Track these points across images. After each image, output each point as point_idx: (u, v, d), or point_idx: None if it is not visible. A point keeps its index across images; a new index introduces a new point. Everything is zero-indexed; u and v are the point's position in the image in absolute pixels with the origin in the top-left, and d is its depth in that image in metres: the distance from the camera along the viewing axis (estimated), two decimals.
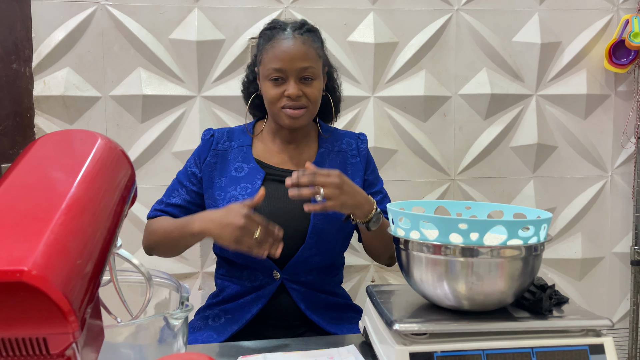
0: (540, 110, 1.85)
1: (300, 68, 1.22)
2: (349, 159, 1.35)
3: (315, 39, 1.28)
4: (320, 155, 1.34)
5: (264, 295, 1.24)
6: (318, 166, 1.26)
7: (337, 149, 1.36)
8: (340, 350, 0.98)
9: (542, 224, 0.85)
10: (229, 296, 1.28)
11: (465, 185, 1.85)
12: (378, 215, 1.15)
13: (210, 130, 1.38)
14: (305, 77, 1.24)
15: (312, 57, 1.24)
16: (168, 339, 0.72)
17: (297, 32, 1.25)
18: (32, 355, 0.45)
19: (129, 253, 0.70)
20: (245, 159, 1.30)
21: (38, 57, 1.66)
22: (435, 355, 0.81)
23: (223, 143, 1.34)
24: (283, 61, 1.21)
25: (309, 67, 1.23)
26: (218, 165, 1.31)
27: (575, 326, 0.86)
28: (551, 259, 1.91)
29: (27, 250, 0.43)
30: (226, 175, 1.29)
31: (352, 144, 1.38)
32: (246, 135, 1.36)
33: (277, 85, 1.23)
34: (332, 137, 1.38)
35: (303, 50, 1.22)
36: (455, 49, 1.81)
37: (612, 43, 1.80)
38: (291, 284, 1.25)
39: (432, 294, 0.88)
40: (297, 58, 1.22)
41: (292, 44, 1.22)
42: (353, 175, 1.33)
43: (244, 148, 1.33)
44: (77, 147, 0.62)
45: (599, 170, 1.90)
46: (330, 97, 1.38)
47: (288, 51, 1.22)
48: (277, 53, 1.22)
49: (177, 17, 1.70)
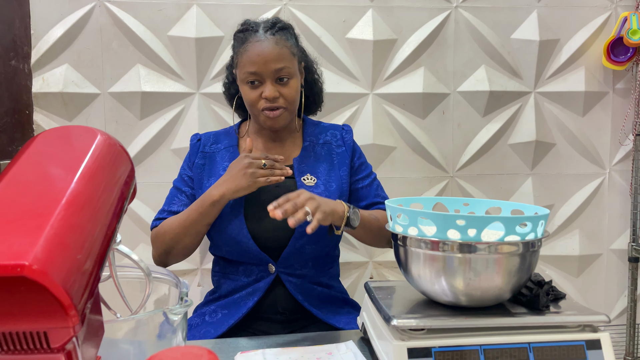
0: (539, 108, 1.86)
1: (275, 69, 1.23)
2: (334, 149, 1.37)
3: (288, 36, 1.29)
4: (304, 149, 1.36)
5: (260, 289, 1.25)
6: (303, 159, 1.33)
7: (321, 141, 1.38)
8: (339, 345, 0.99)
9: (539, 220, 0.85)
10: (226, 292, 1.30)
11: (463, 182, 1.85)
12: (354, 210, 1.15)
13: (197, 135, 1.41)
14: (281, 78, 1.25)
15: (286, 57, 1.25)
16: (167, 334, 0.73)
17: (270, 33, 1.26)
18: (33, 349, 0.45)
19: (129, 249, 0.70)
20: (232, 159, 1.32)
21: (37, 53, 1.66)
22: (433, 350, 0.82)
23: (210, 146, 1.37)
24: (257, 64, 1.23)
25: (284, 67, 1.24)
26: (206, 167, 1.34)
27: (572, 322, 0.86)
28: (549, 256, 1.91)
29: (28, 244, 0.44)
30: (214, 175, 1.31)
31: (336, 135, 1.40)
32: (232, 137, 1.39)
33: (254, 88, 1.26)
34: (317, 130, 1.41)
35: (276, 52, 1.24)
36: (454, 46, 1.81)
37: (611, 40, 1.80)
38: (287, 276, 1.26)
39: (430, 290, 0.88)
40: (271, 60, 1.23)
41: (266, 45, 1.24)
42: (339, 165, 1.35)
43: (231, 148, 1.36)
44: (77, 143, 0.62)
45: (596, 168, 1.91)
46: (311, 88, 1.41)
47: (261, 54, 1.23)
48: (251, 56, 1.23)
49: (175, 14, 1.70)
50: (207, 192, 1.23)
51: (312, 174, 1.31)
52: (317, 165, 1.33)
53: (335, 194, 1.29)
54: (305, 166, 1.33)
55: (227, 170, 1.23)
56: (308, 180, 1.30)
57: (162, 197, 1.73)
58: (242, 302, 1.26)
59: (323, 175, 1.32)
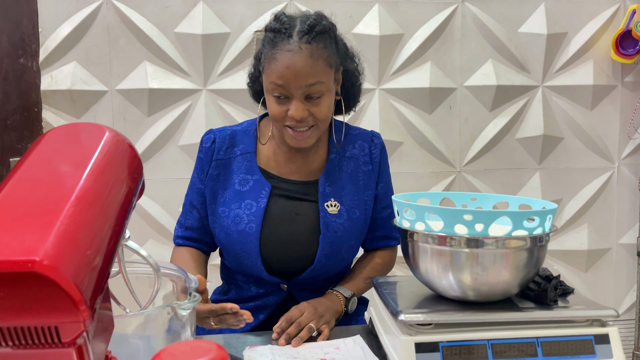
0: (547, 102, 1.85)
1: (306, 85, 1.07)
2: (361, 166, 1.25)
3: (326, 43, 1.10)
4: (330, 163, 1.23)
5: (270, 305, 1.21)
6: (328, 177, 1.21)
7: (348, 154, 1.25)
8: (346, 340, 0.99)
9: (547, 215, 0.85)
10: (234, 298, 1.26)
11: (470, 177, 1.85)
12: (352, 300, 1.19)
13: (211, 134, 1.24)
14: (312, 96, 1.09)
15: (321, 71, 1.08)
16: (176, 329, 0.73)
17: (305, 40, 1.07)
18: (44, 343, 0.45)
19: (137, 245, 0.70)
20: (250, 169, 1.20)
21: (45, 51, 1.67)
22: (441, 345, 0.82)
23: (225, 150, 1.22)
24: (285, 78, 1.06)
25: (316, 83, 1.07)
26: (221, 177, 1.21)
27: (580, 316, 0.86)
28: (557, 251, 1.91)
29: (38, 240, 0.44)
30: (229, 188, 1.20)
31: (364, 148, 1.26)
32: (250, 139, 1.24)
33: (280, 103, 1.10)
34: (345, 139, 1.27)
35: (309, 65, 1.06)
36: (461, 41, 1.80)
37: (619, 33, 1.79)
38: (299, 292, 1.22)
39: (438, 284, 0.88)
40: (302, 75, 1.06)
41: (298, 58, 1.06)
42: (364, 187, 1.24)
43: (248, 155, 1.21)
44: (85, 140, 0.62)
45: (605, 162, 1.90)
46: (348, 90, 1.25)
47: (291, 67, 1.05)
48: (279, 68, 1.06)
49: (182, 11, 1.70)
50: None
51: (336, 199, 1.20)
52: (342, 188, 1.22)
53: (358, 222, 1.21)
54: (330, 188, 1.20)
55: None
56: (331, 208, 1.18)
57: (169, 193, 1.74)
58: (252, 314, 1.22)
59: (347, 201, 1.20)
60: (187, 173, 1.74)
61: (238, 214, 1.17)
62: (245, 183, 1.19)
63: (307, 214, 1.18)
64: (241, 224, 1.16)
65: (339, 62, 1.16)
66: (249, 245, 1.16)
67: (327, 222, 1.17)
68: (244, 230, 1.16)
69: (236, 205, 1.18)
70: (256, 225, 1.15)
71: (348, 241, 1.20)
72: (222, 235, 1.19)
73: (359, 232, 1.23)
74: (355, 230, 1.21)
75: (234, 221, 1.17)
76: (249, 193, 1.18)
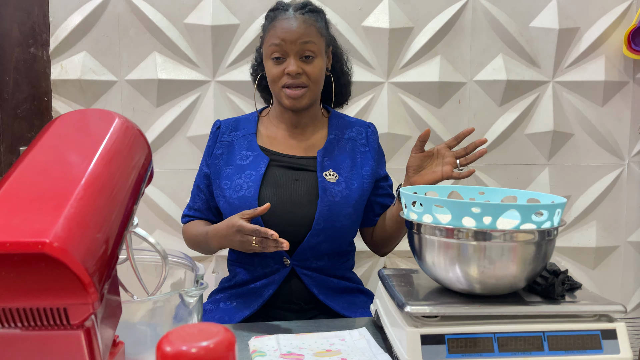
0: (557, 97, 1.83)
1: (300, 43, 1.23)
2: (359, 147, 1.36)
3: (318, 18, 1.29)
4: (329, 142, 1.34)
5: (275, 281, 1.25)
6: (327, 152, 1.32)
7: (346, 136, 1.36)
8: (352, 332, 0.99)
9: (555, 209, 0.84)
10: (241, 281, 1.30)
11: (479, 172, 1.84)
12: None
13: (217, 122, 1.40)
14: (306, 56, 1.24)
15: (313, 34, 1.25)
16: (183, 316, 0.74)
17: (299, 12, 1.27)
18: (53, 325, 0.46)
19: (145, 232, 0.71)
20: (250, 147, 1.32)
21: (55, 41, 1.67)
22: (447, 337, 0.82)
23: (229, 134, 1.36)
24: (283, 38, 1.23)
25: (309, 42, 1.24)
26: (224, 155, 1.33)
27: (587, 311, 0.86)
28: (565, 247, 1.90)
29: (49, 223, 0.44)
30: (232, 164, 1.31)
31: (362, 132, 1.38)
32: (252, 124, 1.38)
33: (278, 64, 1.25)
34: (342, 123, 1.38)
35: (303, 27, 1.24)
36: (471, 35, 1.79)
37: (632, 29, 1.77)
38: (302, 269, 1.26)
39: (444, 277, 0.88)
40: (296, 34, 1.23)
41: (293, 22, 1.24)
42: (362, 164, 1.33)
43: (249, 136, 1.35)
44: (95, 126, 0.63)
45: (615, 159, 1.88)
46: (338, 78, 1.39)
47: (287, 29, 1.23)
48: (277, 31, 1.24)
49: (192, 2, 1.70)
50: (210, 235, 1.23)
51: (335, 170, 1.29)
52: (340, 161, 1.31)
53: (356, 192, 1.29)
54: (328, 161, 1.30)
55: (225, 225, 1.17)
56: (330, 176, 1.28)
57: (177, 184, 1.75)
58: (258, 292, 1.26)
59: (345, 172, 1.30)
60: (195, 164, 1.75)
61: (239, 183, 1.27)
62: (246, 158, 1.31)
63: (305, 179, 1.27)
64: (241, 191, 1.25)
65: (328, 39, 1.33)
66: (248, 207, 1.22)
67: (325, 187, 1.25)
68: (244, 196, 1.25)
69: (237, 176, 1.28)
70: (254, 189, 1.24)
71: (346, 208, 1.25)
72: (225, 206, 1.28)
73: (356, 201, 1.29)
74: (352, 199, 1.27)
75: (235, 190, 1.26)
76: (249, 165, 1.29)
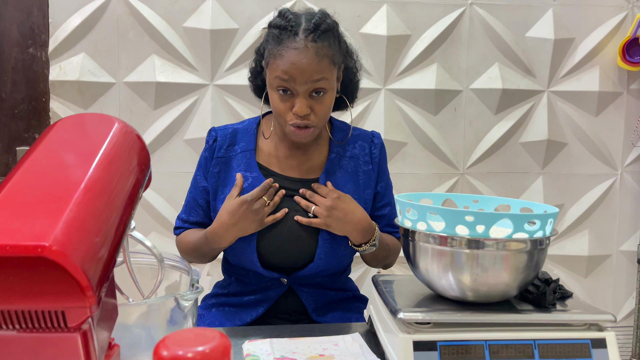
0: (552, 107, 1.85)
1: (311, 82, 1.09)
2: (361, 165, 1.27)
3: (331, 42, 1.12)
4: (330, 162, 1.25)
5: (270, 298, 1.22)
6: (328, 173, 1.23)
7: (349, 154, 1.27)
8: (345, 337, 1.00)
9: (548, 219, 0.85)
10: (235, 291, 1.27)
11: (473, 179, 1.86)
12: (371, 245, 1.19)
13: (213, 132, 1.27)
14: (317, 91, 1.11)
15: (325, 69, 1.10)
16: (178, 320, 0.74)
17: (311, 39, 1.09)
18: (50, 327, 0.47)
19: (142, 235, 0.71)
20: (249, 167, 1.22)
21: (54, 42, 1.68)
22: (439, 344, 0.83)
23: (226, 148, 1.25)
24: (292, 75, 1.08)
25: (321, 79, 1.10)
26: (221, 174, 1.24)
27: (578, 320, 0.87)
28: (558, 255, 1.91)
29: (48, 227, 0.45)
30: (230, 185, 1.22)
31: (365, 148, 1.28)
32: (250, 137, 1.26)
33: (284, 100, 1.12)
34: (345, 138, 1.29)
35: (315, 63, 1.08)
36: (468, 43, 1.81)
37: (626, 41, 1.79)
38: (299, 286, 1.23)
39: (437, 284, 0.89)
40: (308, 72, 1.08)
41: (304, 56, 1.08)
42: (364, 186, 1.26)
43: (247, 153, 1.24)
44: (95, 131, 0.63)
45: (608, 168, 1.90)
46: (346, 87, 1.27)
47: (298, 64, 1.07)
48: (285, 65, 1.08)
49: (191, 6, 1.71)
50: (214, 235, 1.17)
51: None
52: (342, 184, 1.23)
53: None
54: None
55: (227, 215, 1.14)
56: None
57: (173, 187, 1.75)
58: (251, 307, 1.23)
59: None
60: (192, 167, 1.75)
61: None
62: (244, 180, 1.20)
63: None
64: None
65: (340, 60, 1.18)
66: (245, 241, 1.17)
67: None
68: None
69: None
70: None
71: (347, 239, 1.20)
72: None
73: None
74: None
75: None
76: (248, 189, 1.18)
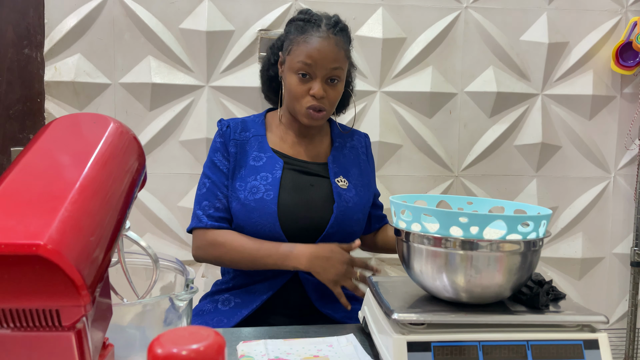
0: (546, 110, 1.86)
1: (330, 69, 1.23)
2: (360, 156, 1.40)
3: (346, 39, 1.28)
4: (335, 149, 1.37)
5: (276, 285, 1.25)
6: (335, 160, 1.34)
7: (349, 144, 1.40)
8: (339, 338, 1.00)
9: (541, 220, 0.86)
10: (241, 283, 1.29)
11: (468, 182, 1.86)
12: None
13: (224, 121, 1.35)
14: (332, 79, 1.24)
15: (342, 59, 1.25)
16: (173, 320, 0.74)
17: (332, 32, 1.24)
18: (44, 326, 0.47)
19: (137, 235, 0.72)
20: (262, 148, 1.31)
21: (50, 42, 1.68)
22: (433, 345, 0.83)
23: (240, 133, 1.33)
24: (315, 59, 1.21)
25: (337, 67, 1.24)
26: (238, 155, 1.30)
27: (570, 321, 0.87)
28: (551, 258, 1.92)
29: (43, 225, 0.45)
30: (245, 165, 1.29)
31: (361, 142, 1.43)
32: (259, 126, 1.35)
33: (303, 82, 1.23)
34: (343, 134, 1.42)
35: (335, 52, 1.23)
36: (463, 47, 1.82)
37: (620, 45, 1.81)
38: (305, 274, 1.25)
39: (431, 285, 0.89)
40: (329, 59, 1.22)
41: (327, 43, 1.22)
42: (364, 173, 1.38)
43: (259, 137, 1.33)
44: (90, 130, 0.63)
45: (602, 171, 1.91)
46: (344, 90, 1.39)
47: (321, 50, 1.21)
48: (310, 50, 1.22)
49: (187, 7, 1.71)
50: (291, 252, 1.18)
51: (344, 177, 1.32)
52: (348, 168, 1.35)
53: (365, 199, 1.33)
54: (337, 167, 1.33)
55: (326, 250, 1.18)
56: (341, 183, 1.30)
57: (168, 188, 1.75)
58: (256, 294, 1.25)
59: (354, 179, 1.33)
60: (187, 168, 1.76)
61: (255, 185, 1.25)
62: (259, 159, 1.29)
63: (320, 185, 1.28)
64: (258, 193, 1.24)
65: (349, 60, 1.32)
66: (266, 211, 1.22)
67: (339, 192, 1.28)
68: (262, 198, 1.23)
69: (252, 177, 1.26)
70: (274, 192, 1.23)
71: (357, 214, 1.29)
72: (238, 207, 1.25)
73: (364, 207, 1.33)
74: (362, 205, 1.32)
75: (251, 192, 1.24)
76: (264, 167, 1.28)
